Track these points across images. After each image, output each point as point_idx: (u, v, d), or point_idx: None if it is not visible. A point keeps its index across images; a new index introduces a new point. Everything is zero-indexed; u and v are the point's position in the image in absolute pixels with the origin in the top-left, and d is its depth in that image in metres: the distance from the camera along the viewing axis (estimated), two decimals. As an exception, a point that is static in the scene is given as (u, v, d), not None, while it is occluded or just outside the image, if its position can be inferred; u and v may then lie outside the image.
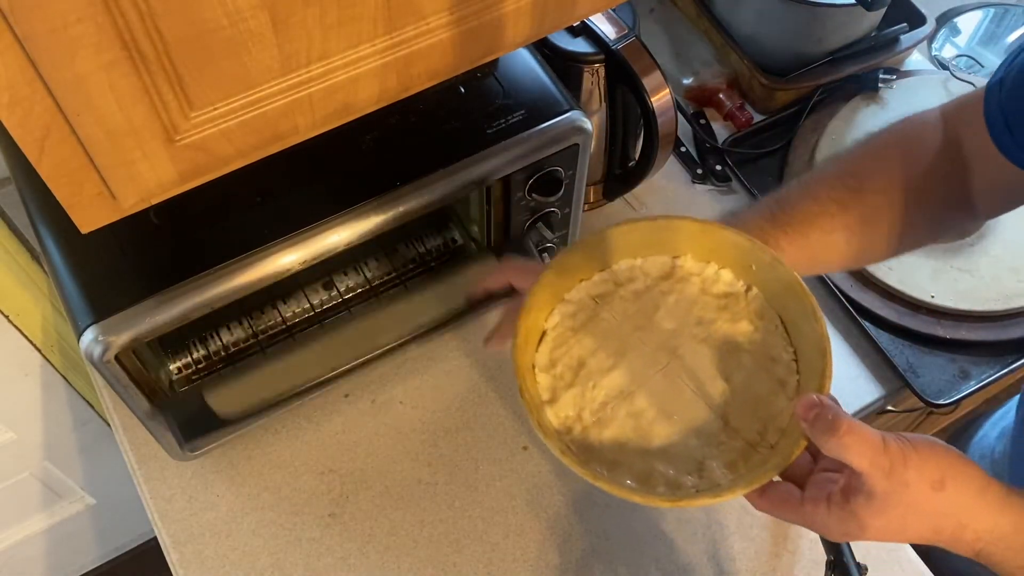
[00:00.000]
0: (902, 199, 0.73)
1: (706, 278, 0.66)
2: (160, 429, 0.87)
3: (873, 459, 0.53)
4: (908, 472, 0.53)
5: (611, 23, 0.96)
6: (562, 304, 0.65)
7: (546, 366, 0.64)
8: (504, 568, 0.92)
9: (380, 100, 0.61)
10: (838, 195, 0.73)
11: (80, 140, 0.50)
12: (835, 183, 0.75)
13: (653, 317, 0.64)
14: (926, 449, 0.54)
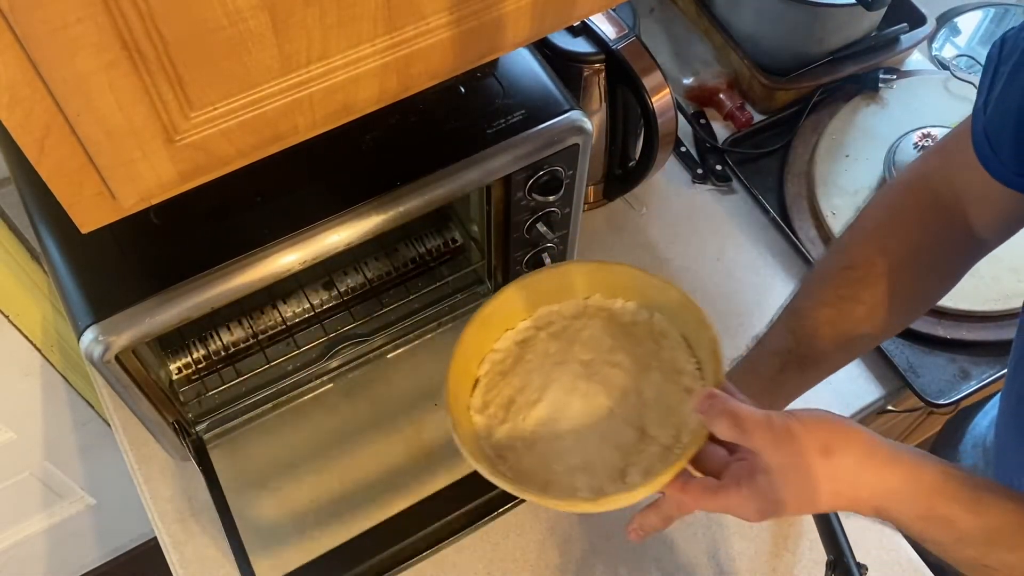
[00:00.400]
0: (910, 273, 0.75)
1: (613, 311, 0.73)
2: (160, 429, 0.87)
3: (762, 436, 0.56)
4: (795, 444, 0.56)
5: (611, 23, 0.96)
6: (491, 353, 0.72)
7: (480, 408, 0.70)
8: (504, 568, 0.92)
9: (380, 100, 0.61)
10: (848, 292, 0.75)
11: (80, 140, 0.50)
12: (840, 280, 0.76)
13: (571, 352, 0.71)
14: (811, 420, 0.58)
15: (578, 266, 0.73)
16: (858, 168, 1.16)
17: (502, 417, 0.70)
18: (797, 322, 0.77)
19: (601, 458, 0.66)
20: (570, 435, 0.68)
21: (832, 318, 0.76)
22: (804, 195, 1.15)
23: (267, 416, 0.97)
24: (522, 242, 0.94)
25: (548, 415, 0.69)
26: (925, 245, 0.75)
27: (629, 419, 0.68)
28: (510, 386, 0.71)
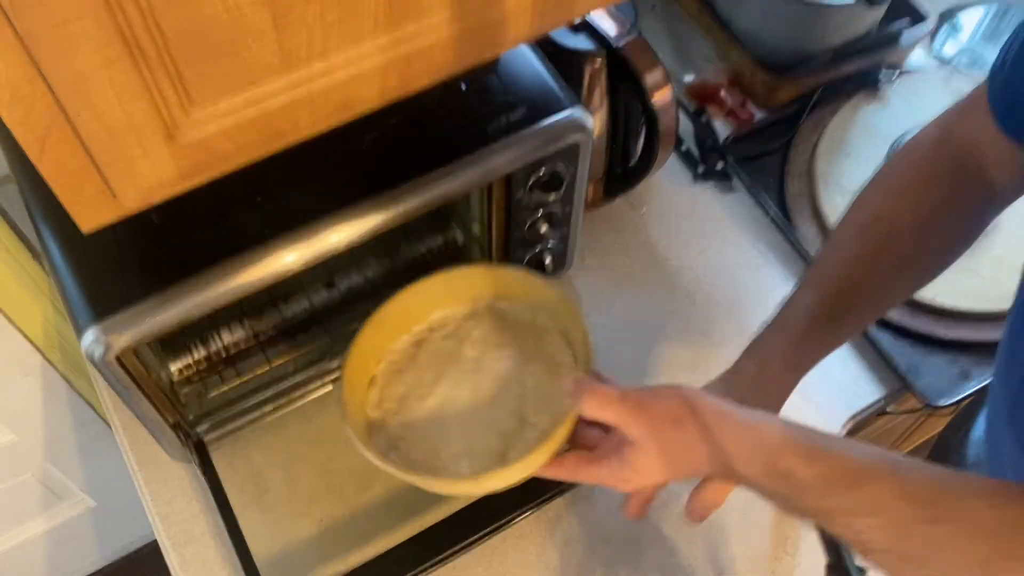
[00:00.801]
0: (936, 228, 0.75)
1: (502, 311, 0.81)
2: (160, 430, 0.87)
3: (619, 411, 0.63)
4: (649, 416, 0.63)
5: (612, 20, 0.96)
6: (389, 354, 0.80)
7: (376, 404, 0.78)
8: (504, 569, 0.92)
9: (381, 98, 0.61)
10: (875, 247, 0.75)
11: (81, 138, 0.50)
12: (867, 234, 0.76)
13: (461, 350, 0.79)
14: (663, 393, 0.64)
15: (470, 270, 0.80)
16: (859, 167, 1.15)
17: (396, 410, 0.77)
18: (823, 279, 0.76)
19: (484, 443, 0.73)
20: (456, 425, 0.75)
21: (858, 273, 0.75)
22: (805, 194, 1.15)
23: (268, 417, 0.97)
24: (523, 241, 0.94)
25: (438, 407, 0.76)
26: (950, 200, 0.74)
27: (511, 408, 0.75)
28: (404, 383, 0.78)
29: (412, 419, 0.76)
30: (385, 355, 0.80)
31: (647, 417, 0.63)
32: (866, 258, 0.75)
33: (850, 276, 0.75)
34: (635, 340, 1.05)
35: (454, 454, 0.73)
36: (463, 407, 0.76)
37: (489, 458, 0.72)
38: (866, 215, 0.77)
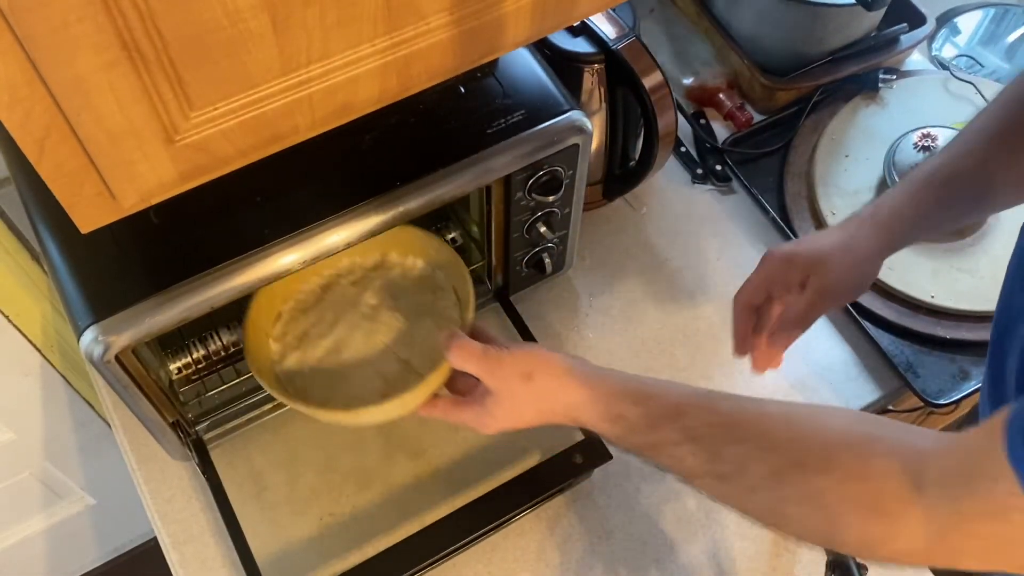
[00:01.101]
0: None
1: (406, 266, 0.89)
2: (160, 429, 0.87)
3: (478, 365, 0.72)
4: (504, 370, 0.71)
5: (611, 23, 0.96)
6: (297, 293, 0.88)
7: (279, 336, 0.86)
8: (504, 568, 0.92)
9: (380, 100, 0.61)
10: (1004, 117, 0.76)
11: (80, 140, 0.50)
12: (1008, 107, 0.76)
13: (363, 297, 0.87)
14: (518, 351, 0.72)
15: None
16: (858, 168, 1.16)
17: (295, 345, 0.85)
18: (952, 146, 0.78)
19: (370, 384, 0.83)
20: (348, 364, 0.84)
21: (989, 145, 0.76)
22: (804, 195, 1.15)
23: (267, 416, 0.97)
24: (522, 242, 0.94)
25: (333, 347, 0.85)
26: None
27: (399, 355, 0.84)
28: (307, 321, 0.86)
29: (310, 356, 0.84)
30: (294, 294, 0.87)
31: (501, 372, 0.72)
32: (1000, 130, 0.75)
33: (980, 146, 0.76)
34: (635, 340, 1.06)
35: (343, 391, 0.82)
36: (356, 350, 0.84)
37: (372, 397, 0.79)
38: (1010, 92, 0.77)
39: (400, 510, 0.95)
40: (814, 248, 0.81)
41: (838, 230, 0.81)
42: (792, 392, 1.02)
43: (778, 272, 0.82)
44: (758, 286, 0.83)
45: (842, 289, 0.80)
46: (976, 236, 1.10)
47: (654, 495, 0.96)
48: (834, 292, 0.80)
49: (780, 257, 0.82)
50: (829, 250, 0.80)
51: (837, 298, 0.81)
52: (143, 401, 0.81)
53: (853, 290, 0.81)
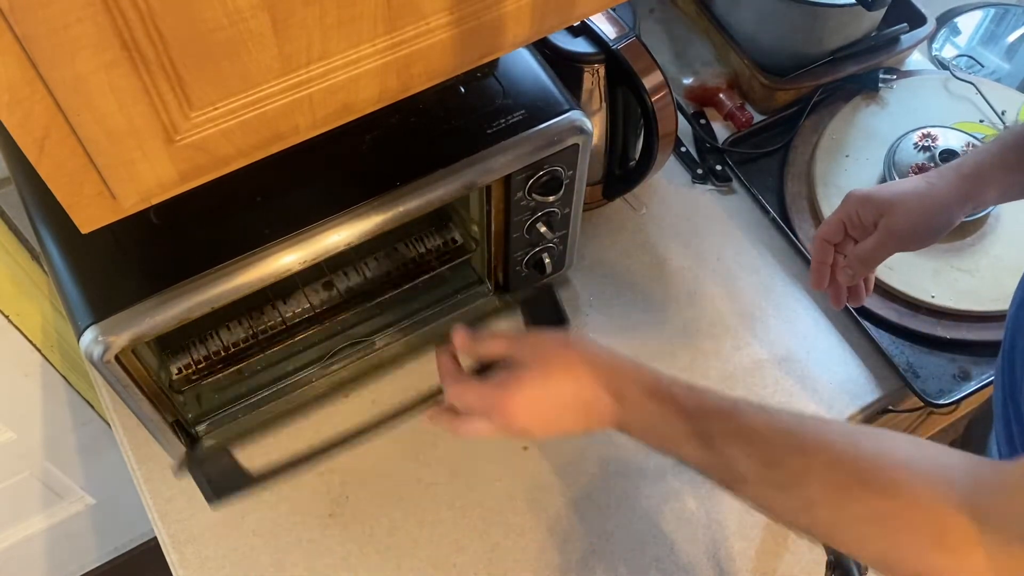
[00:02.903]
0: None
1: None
2: (160, 429, 0.87)
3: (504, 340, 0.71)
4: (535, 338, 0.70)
5: (611, 23, 0.96)
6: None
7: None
8: (504, 568, 0.92)
9: (380, 100, 0.61)
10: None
11: (80, 140, 0.50)
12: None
13: None
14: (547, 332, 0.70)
15: None
16: (858, 168, 1.16)
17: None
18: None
19: None
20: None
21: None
22: (804, 195, 1.15)
23: (267, 416, 0.97)
24: (522, 242, 0.94)
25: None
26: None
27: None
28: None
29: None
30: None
31: (532, 339, 0.70)
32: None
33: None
34: (635, 340, 1.06)
35: None
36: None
37: None
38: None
39: (402, 513, 0.95)
40: (892, 190, 0.82)
41: (921, 177, 0.83)
42: (792, 391, 1.02)
43: (855, 211, 0.83)
44: (836, 224, 0.85)
45: (911, 232, 0.81)
46: (976, 236, 1.10)
47: (654, 495, 0.96)
48: (902, 233, 0.81)
49: (858, 197, 0.83)
50: (905, 193, 0.81)
51: (905, 240, 0.82)
52: (143, 401, 0.81)
53: (923, 235, 0.82)
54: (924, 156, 1.11)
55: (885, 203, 0.81)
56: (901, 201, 0.81)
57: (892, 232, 0.81)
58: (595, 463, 0.98)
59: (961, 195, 0.80)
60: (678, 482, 0.97)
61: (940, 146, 1.11)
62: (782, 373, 1.04)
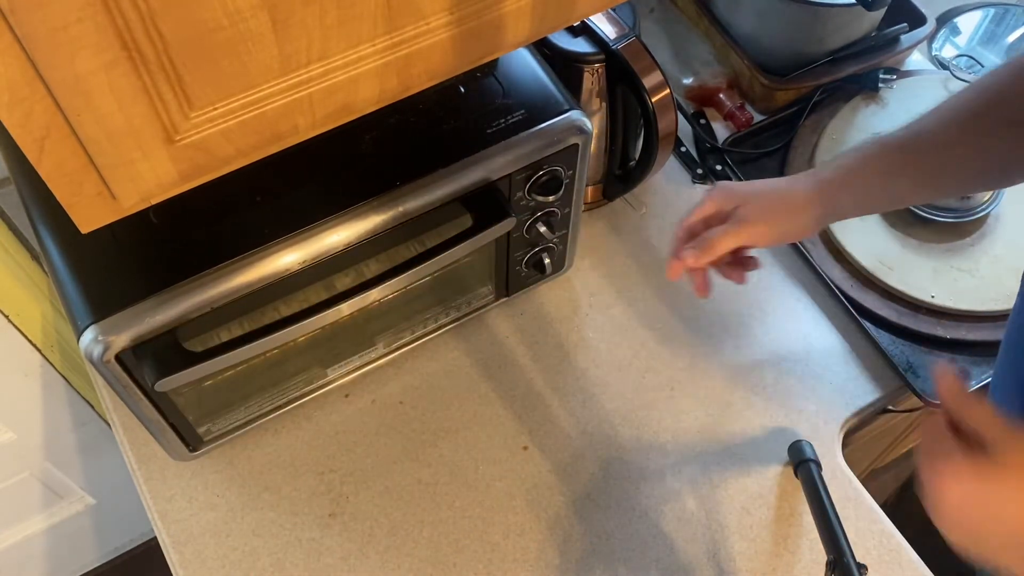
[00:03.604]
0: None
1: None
2: (160, 429, 0.87)
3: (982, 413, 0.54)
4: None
5: (611, 23, 0.96)
6: None
7: None
8: (504, 568, 0.92)
9: (380, 100, 0.61)
10: (969, 102, 0.77)
11: (80, 140, 0.50)
12: (966, 96, 0.77)
13: None
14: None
15: None
16: (858, 168, 1.16)
17: None
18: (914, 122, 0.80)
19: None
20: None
21: (946, 121, 0.77)
22: (804, 195, 1.15)
23: (267, 417, 0.97)
24: (522, 242, 0.94)
25: None
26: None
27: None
28: None
29: None
30: None
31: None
32: (960, 111, 0.76)
33: (938, 122, 0.77)
34: (635, 340, 1.06)
35: None
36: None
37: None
38: (977, 82, 0.78)
39: (402, 513, 0.95)
40: (754, 185, 0.83)
41: (790, 177, 0.83)
42: (792, 391, 1.02)
43: (717, 202, 0.83)
44: (697, 214, 0.84)
45: (759, 226, 0.80)
46: (976, 236, 1.10)
47: (654, 495, 0.96)
48: (750, 226, 0.80)
49: (722, 187, 0.83)
50: (764, 189, 0.82)
51: (753, 234, 0.81)
52: (143, 401, 0.81)
53: (772, 233, 0.81)
54: (924, 156, 1.11)
55: (744, 196, 0.81)
56: (758, 196, 0.81)
57: (741, 222, 0.80)
58: (595, 463, 0.98)
59: (813, 199, 0.80)
60: (678, 483, 0.97)
61: (940, 146, 1.11)
62: (782, 373, 1.04)
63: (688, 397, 1.02)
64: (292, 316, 0.81)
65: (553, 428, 1.00)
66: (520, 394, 1.02)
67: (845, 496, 0.96)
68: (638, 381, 1.03)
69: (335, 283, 0.95)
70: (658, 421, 1.01)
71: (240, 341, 0.78)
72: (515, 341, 1.05)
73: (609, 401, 1.02)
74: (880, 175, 0.79)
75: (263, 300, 0.94)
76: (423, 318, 1.00)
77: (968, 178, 0.80)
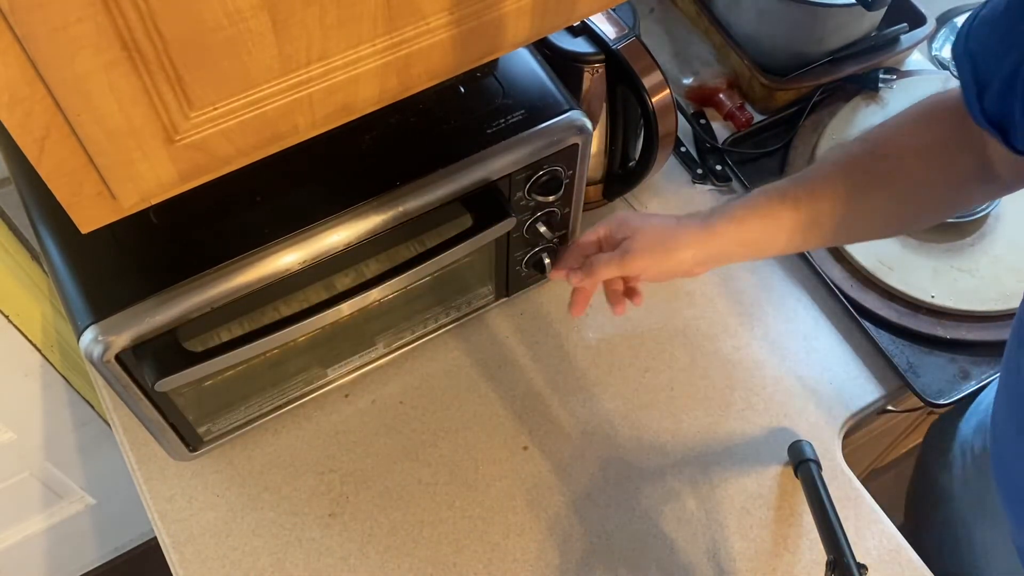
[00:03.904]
0: (915, 161, 0.76)
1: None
2: (160, 429, 0.87)
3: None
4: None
5: (611, 23, 0.96)
6: None
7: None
8: (504, 568, 0.92)
9: (380, 100, 0.61)
10: (849, 152, 0.79)
11: (80, 140, 0.50)
12: (849, 146, 0.79)
13: None
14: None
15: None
16: (858, 168, 1.16)
17: None
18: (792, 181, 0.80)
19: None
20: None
21: (834, 171, 0.79)
22: (804, 195, 1.15)
23: (268, 417, 0.97)
24: (522, 242, 0.94)
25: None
26: (943, 150, 0.75)
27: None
28: None
29: None
30: None
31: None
32: (849, 162, 0.78)
33: (825, 172, 0.79)
34: (635, 340, 1.06)
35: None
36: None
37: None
38: (859, 136, 0.80)
39: (402, 513, 0.95)
40: (647, 219, 0.84)
41: (684, 216, 0.84)
42: (792, 391, 1.02)
43: (610, 229, 0.85)
44: (592, 237, 0.87)
45: (641, 260, 0.82)
46: (976, 236, 1.11)
47: (654, 495, 0.96)
48: (633, 258, 0.82)
49: (619, 216, 0.85)
50: (655, 224, 0.83)
51: (637, 267, 0.83)
52: (143, 401, 0.81)
53: (654, 269, 0.83)
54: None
55: (634, 228, 0.83)
56: (646, 231, 0.83)
57: (625, 253, 0.82)
58: (595, 463, 0.98)
59: (695, 242, 0.81)
60: (678, 482, 0.97)
61: (940, 146, 1.11)
62: (782, 373, 1.04)
63: (688, 397, 1.02)
64: (292, 316, 0.81)
65: (553, 428, 1.00)
66: (520, 394, 1.02)
67: (845, 496, 0.96)
68: (638, 381, 1.03)
69: (335, 283, 0.96)
70: (658, 421, 1.01)
71: (240, 341, 0.78)
72: (515, 341, 1.05)
73: (609, 401, 1.02)
74: (761, 221, 0.80)
75: (263, 300, 0.95)
76: (423, 318, 1.00)
77: (844, 227, 0.80)
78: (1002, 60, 0.63)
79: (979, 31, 0.66)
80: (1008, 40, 0.62)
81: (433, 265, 0.83)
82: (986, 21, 0.65)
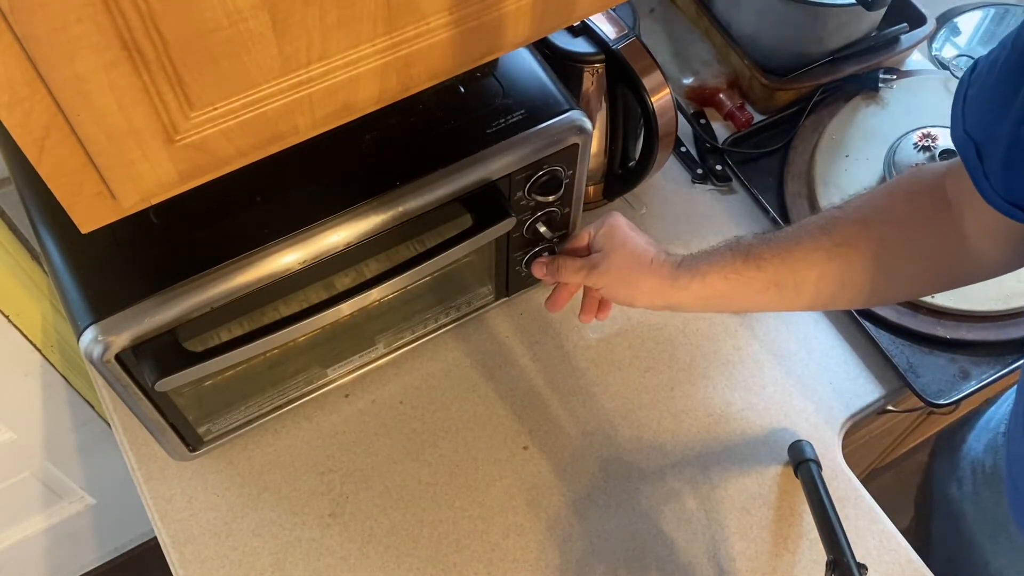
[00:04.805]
0: (888, 232, 0.74)
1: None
2: (160, 429, 0.87)
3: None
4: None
5: (611, 23, 0.96)
6: None
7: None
8: (504, 568, 0.92)
9: (380, 100, 0.61)
10: (825, 215, 0.77)
11: (80, 140, 0.50)
12: (825, 212, 0.78)
13: None
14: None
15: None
16: (858, 168, 1.16)
17: None
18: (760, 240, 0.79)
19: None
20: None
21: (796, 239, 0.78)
22: (804, 195, 1.15)
23: (267, 417, 0.97)
24: (522, 242, 0.94)
25: None
26: (918, 223, 0.73)
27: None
28: None
29: None
30: None
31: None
32: (824, 224, 0.77)
33: (798, 234, 0.78)
34: (634, 340, 1.06)
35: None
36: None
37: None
38: (842, 202, 0.79)
39: (401, 513, 0.95)
40: (631, 241, 0.84)
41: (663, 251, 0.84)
42: (792, 391, 1.02)
43: (595, 238, 0.87)
44: (584, 238, 0.89)
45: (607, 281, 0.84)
46: (976, 236, 1.10)
47: (654, 495, 0.96)
48: (599, 277, 0.84)
49: (610, 222, 0.86)
50: (634, 250, 0.83)
51: (597, 284, 0.85)
52: (143, 401, 0.81)
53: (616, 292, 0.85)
54: (924, 156, 1.11)
55: (613, 245, 0.84)
56: (619, 254, 0.83)
57: (593, 267, 0.84)
58: (595, 463, 0.98)
59: (656, 289, 0.82)
60: (678, 482, 0.97)
61: (940, 146, 1.11)
62: (782, 373, 1.04)
63: (688, 397, 1.02)
64: (292, 316, 0.81)
65: (553, 428, 1.00)
66: (520, 394, 1.02)
67: (845, 496, 0.96)
68: (638, 381, 1.03)
69: (335, 283, 0.96)
70: (658, 421, 1.01)
71: (240, 341, 0.78)
72: (515, 341, 1.05)
73: (609, 401, 1.02)
74: (724, 281, 0.79)
75: (263, 300, 0.95)
76: (423, 318, 1.00)
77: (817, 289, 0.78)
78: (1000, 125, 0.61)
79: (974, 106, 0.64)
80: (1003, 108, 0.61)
81: (433, 265, 0.83)
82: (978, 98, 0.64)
